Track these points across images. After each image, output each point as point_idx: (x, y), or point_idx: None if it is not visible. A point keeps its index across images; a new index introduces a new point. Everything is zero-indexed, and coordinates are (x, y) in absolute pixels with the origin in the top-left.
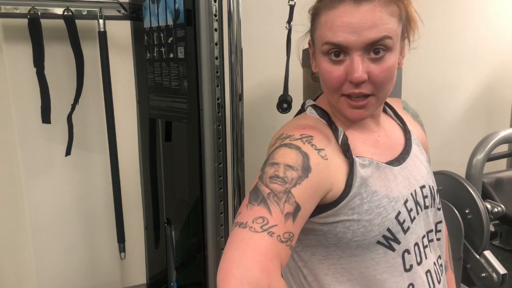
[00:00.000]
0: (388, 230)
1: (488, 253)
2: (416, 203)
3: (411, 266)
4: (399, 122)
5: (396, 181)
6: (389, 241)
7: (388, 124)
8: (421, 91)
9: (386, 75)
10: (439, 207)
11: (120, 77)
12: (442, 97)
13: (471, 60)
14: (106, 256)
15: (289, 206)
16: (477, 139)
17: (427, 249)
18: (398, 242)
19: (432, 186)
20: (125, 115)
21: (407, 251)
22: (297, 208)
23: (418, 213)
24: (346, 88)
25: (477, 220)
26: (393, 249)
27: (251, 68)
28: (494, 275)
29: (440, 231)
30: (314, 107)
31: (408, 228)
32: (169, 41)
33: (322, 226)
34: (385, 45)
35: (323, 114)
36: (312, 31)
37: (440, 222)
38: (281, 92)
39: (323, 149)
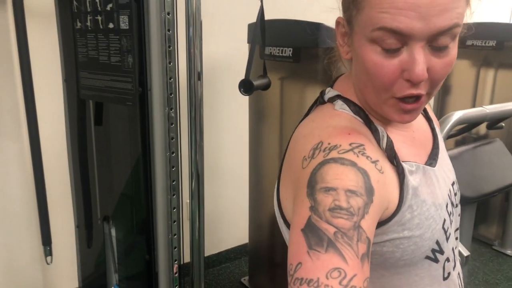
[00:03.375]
0: (437, 242)
1: None
2: (452, 204)
3: (449, 274)
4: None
5: (439, 184)
6: (435, 253)
7: None
8: None
9: (447, 70)
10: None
11: (41, 51)
12: None
13: None
14: (27, 261)
15: (362, 245)
16: None
17: (456, 250)
18: (442, 253)
19: (456, 180)
20: (49, 95)
21: (448, 259)
22: (369, 244)
23: (453, 215)
24: (399, 88)
25: None
26: (437, 261)
27: (212, 43)
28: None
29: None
30: (345, 100)
31: (450, 234)
32: (108, 8)
33: None
34: (453, 34)
35: (358, 110)
36: (352, 8)
37: (459, 216)
38: (234, 65)
39: (378, 161)
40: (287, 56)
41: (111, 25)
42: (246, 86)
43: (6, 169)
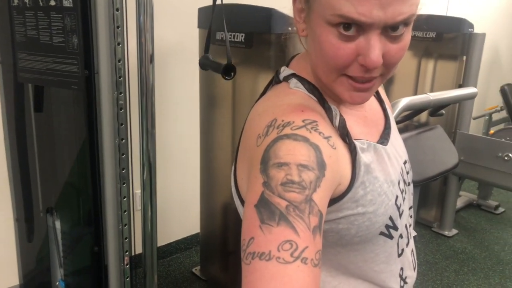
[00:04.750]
0: (390, 218)
1: None
2: (404, 181)
3: (402, 250)
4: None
5: (391, 161)
6: (389, 229)
7: None
8: None
9: (402, 54)
10: (410, 181)
11: None
12: None
13: None
14: None
15: (314, 218)
16: None
17: (410, 228)
18: (396, 229)
19: (407, 159)
20: None
21: (401, 235)
22: (321, 217)
23: (406, 192)
24: (353, 70)
25: None
26: (391, 237)
27: (161, 27)
28: None
29: (411, 207)
30: (300, 79)
31: (403, 211)
32: None
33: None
34: (408, 21)
35: (313, 89)
36: None
37: (412, 195)
38: (196, 50)
39: (330, 137)
40: (239, 41)
41: (52, 3)
42: (228, 70)
43: None
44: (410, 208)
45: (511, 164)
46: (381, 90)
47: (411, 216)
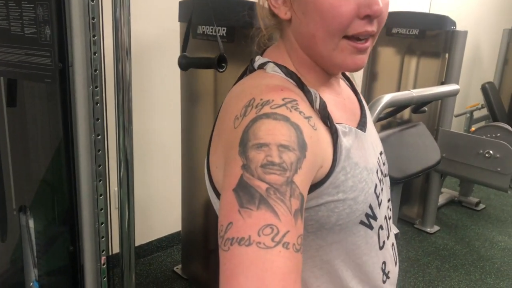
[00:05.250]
0: (370, 206)
1: None
2: (381, 171)
3: (383, 242)
4: (347, 82)
5: (369, 149)
6: (369, 218)
7: (343, 84)
8: None
9: (387, 10)
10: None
11: None
12: None
13: None
14: None
15: (295, 201)
16: None
17: (390, 221)
18: (375, 219)
19: (383, 152)
20: None
21: (381, 226)
22: (302, 200)
23: (383, 183)
24: (355, 27)
25: None
26: (371, 227)
27: (141, 21)
28: None
29: (389, 200)
30: (276, 64)
31: (381, 201)
32: None
33: None
34: None
35: (290, 73)
36: None
37: (389, 188)
38: (177, 44)
39: (311, 117)
40: (221, 35)
41: None
42: (221, 62)
43: None
44: (388, 200)
45: (491, 161)
46: (353, 82)
47: (389, 209)
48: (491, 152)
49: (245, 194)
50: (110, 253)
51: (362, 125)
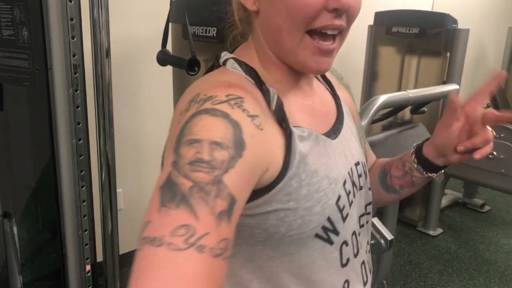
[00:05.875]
0: (328, 219)
1: (375, 220)
2: (353, 183)
3: (347, 260)
4: (327, 86)
5: (335, 157)
6: (328, 233)
7: (318, 87)
8: None
9: (358, 7)
10: (369, 186)
11: None
12: None
13: None
14: None
15: (222, 202)
16: None
17: (361, 237)
18: (337, 233)
19: (364, 163)
20: None
21: (345, 242)
22: (232, 201)
23: (354, 196)
24: (321, 19)
25: None
26: (331, 243)
27: (119, 16)
28: (382, 241)
29: (369, 213)
30: (236, 61)
31: (347, 215)
32: None
33: (248, 218)
34: None
35: (250, 70)
36: None
37: (370, 203)
38: (158, 46)
39: (257, 116)
40: (211, 36)
41: None
42: (192, 65)
43: None
44: (361, 215)
45: (496, 162)
46: (342, 89)
47: (362, 225)
48: (495, 153)
49: (169, 192)
50: (95, 261)
51: (333, 132)
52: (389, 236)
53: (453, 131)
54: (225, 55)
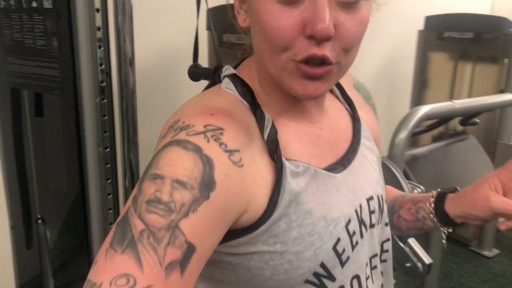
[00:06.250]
0: (322, 265)
1: (412, 241)
2: (361, 222)
3: None
4: (347, 106)
5: (338, 195)
6: (321, 278)
7: (333, 109)
8: None
9: (359, 30)
10: (387, 221)
11: None
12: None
13: (372, 31)
14: None
15: (174, 251)
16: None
17: (369, 280)
18: (333, 279)
19: (381, 196)
20: None
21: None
22: (189, 250)
23: (362, 236)
24: (301, 46)
25: None
26: None
27: (144, 26)
28: (419, 264)
29: (387, 251)
30: (234, 79)
31: (348, 258)
32: None
33: (230, 257)
34: None
35: (245, 92)
36: None
37: (388, 240)
38: (184, 57)
39: (237, 151)
40: (244, 43)
41: (34, 4)
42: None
43: None
44: (373, 256)
45: None
46: (367, 109)
47: (374, 267)
48: None
49: (120, 232)
50: None
51: (341, 163)
52: (427, 259)
53: (491, 208)
54: (226, 69)
